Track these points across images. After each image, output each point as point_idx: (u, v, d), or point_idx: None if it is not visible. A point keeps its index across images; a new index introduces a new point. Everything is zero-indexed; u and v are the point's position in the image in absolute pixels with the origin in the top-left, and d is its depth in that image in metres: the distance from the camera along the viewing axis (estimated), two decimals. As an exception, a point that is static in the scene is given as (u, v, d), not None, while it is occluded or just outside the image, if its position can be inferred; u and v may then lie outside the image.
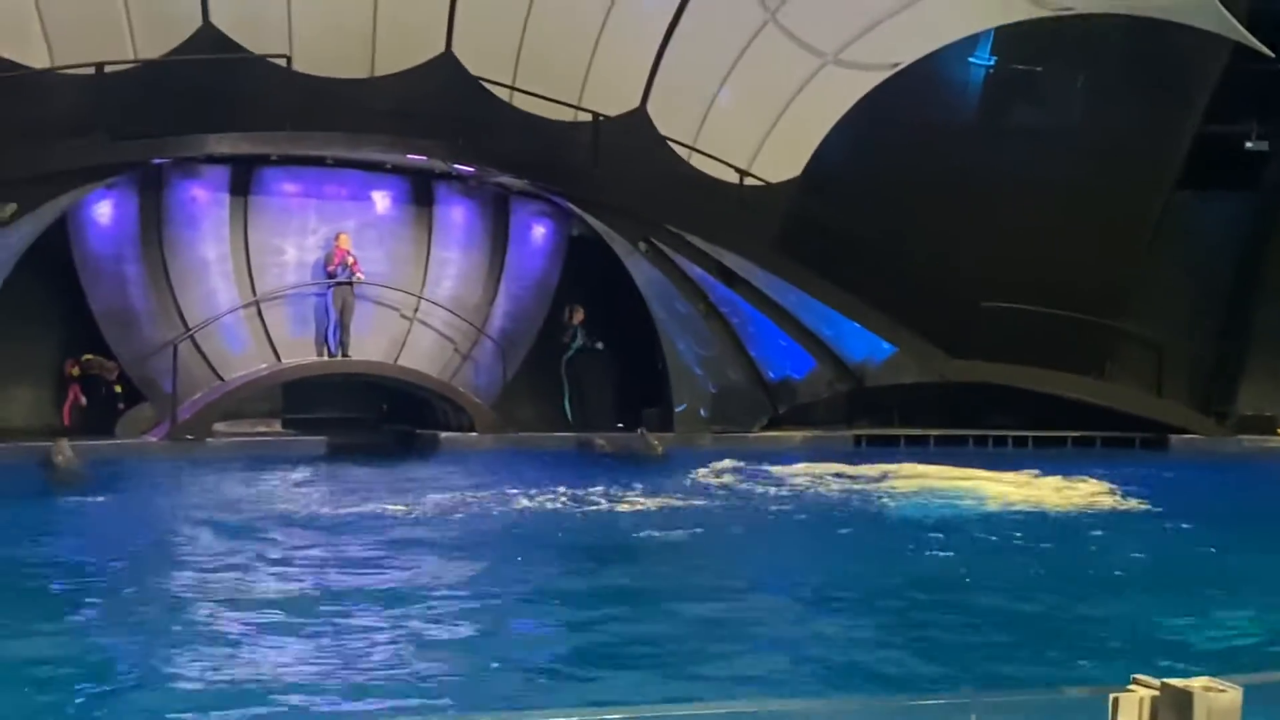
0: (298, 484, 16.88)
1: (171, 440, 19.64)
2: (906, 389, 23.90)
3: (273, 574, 10.62)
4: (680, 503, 15.36)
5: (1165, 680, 3.38)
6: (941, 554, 12.00)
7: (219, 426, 20.83)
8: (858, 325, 23.15)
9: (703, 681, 7.50)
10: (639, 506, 14.83)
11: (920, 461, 20.20)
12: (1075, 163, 24.34)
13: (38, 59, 19.50)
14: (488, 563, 11.41)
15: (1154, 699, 3.38)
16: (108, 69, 19.17)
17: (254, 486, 16.52)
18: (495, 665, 7.86)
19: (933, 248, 23.42)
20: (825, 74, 23.96)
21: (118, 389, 20.79)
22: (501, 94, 22.14)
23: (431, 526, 13.33)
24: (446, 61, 21.60)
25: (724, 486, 17.20)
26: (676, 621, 9.20)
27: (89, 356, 20.82)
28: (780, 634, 8.90)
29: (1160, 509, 15.44)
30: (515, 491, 15.58)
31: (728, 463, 19.00)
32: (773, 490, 16.76)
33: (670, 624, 9.12)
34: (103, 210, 20.86)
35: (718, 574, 11.28)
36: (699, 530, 13.51)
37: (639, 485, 16.49)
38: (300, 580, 10.30)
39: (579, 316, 23.58)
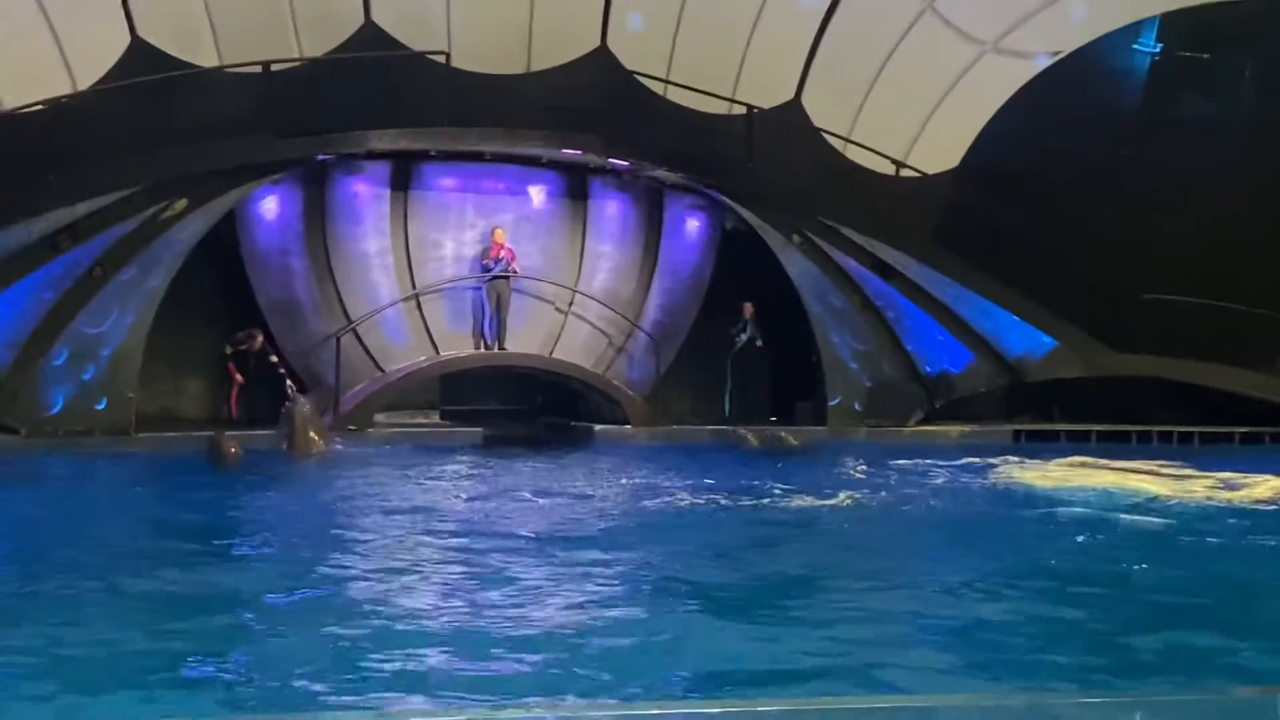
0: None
1: (335, 430, 20.06)
2: (1068, 384, 23.44)
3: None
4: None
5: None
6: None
7: (379, 417, 21.25)
8: (1017, 319, 22.76)
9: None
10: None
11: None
12: (1243, 153, 23.63)
13: (207, 59, 20.07)
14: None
15: (1332, 700, 3.28)
16: (274, 68, 19.64)
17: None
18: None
19: (1094, 240, 22.92)
20: (984, 63, 23.61)
21: (272, 359, 20.97)
22: (656, 87, 22.21)
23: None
24: (601, 56, 21.74)
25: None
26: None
27: (237, 335, 21.23)
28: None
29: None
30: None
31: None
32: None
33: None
34: (269, 205, 21.43)
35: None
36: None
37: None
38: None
39: (749, 311, 23.54)
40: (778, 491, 15.15)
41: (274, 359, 21.02)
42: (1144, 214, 23.09)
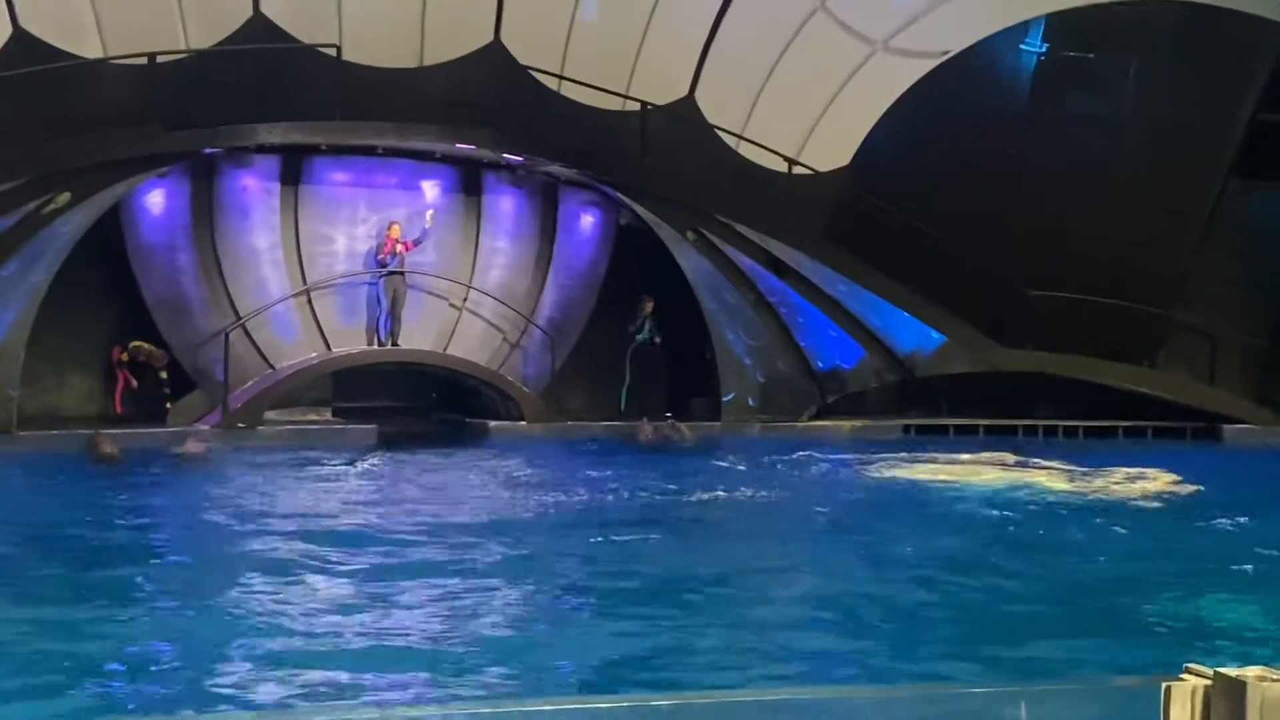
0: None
1: (223, 428, 19.79)
2: (956, 379, 23.76)
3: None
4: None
5: (1218, 669, 3.34)
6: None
7: (270, 415, 20.98)
8: (907, 315, 23.02)
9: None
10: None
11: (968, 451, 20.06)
12: (1127, 151, 24.14)
13: (91, 50, 19.68)
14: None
15: (1206, 688, 3.34)
16: (160, 59, 19.31)
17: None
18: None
19: (983, 237, 23.25)
20: (875, 62, 23.86)
21: (163, 376, 20.94)
22: (550, 82, 22.17)
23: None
24: (495, 51, 21.65)
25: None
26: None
27: (137, 343, 20.98)
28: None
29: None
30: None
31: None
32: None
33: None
34: (155, 199, 21.04)
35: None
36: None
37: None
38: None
39: (649, 308, 23.54)
40: (670, 487, 15.31)
41: (165, 375, 20.93)
42: (1031, 211, 23.51)
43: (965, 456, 18.84)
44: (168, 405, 20.72)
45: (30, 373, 19.77)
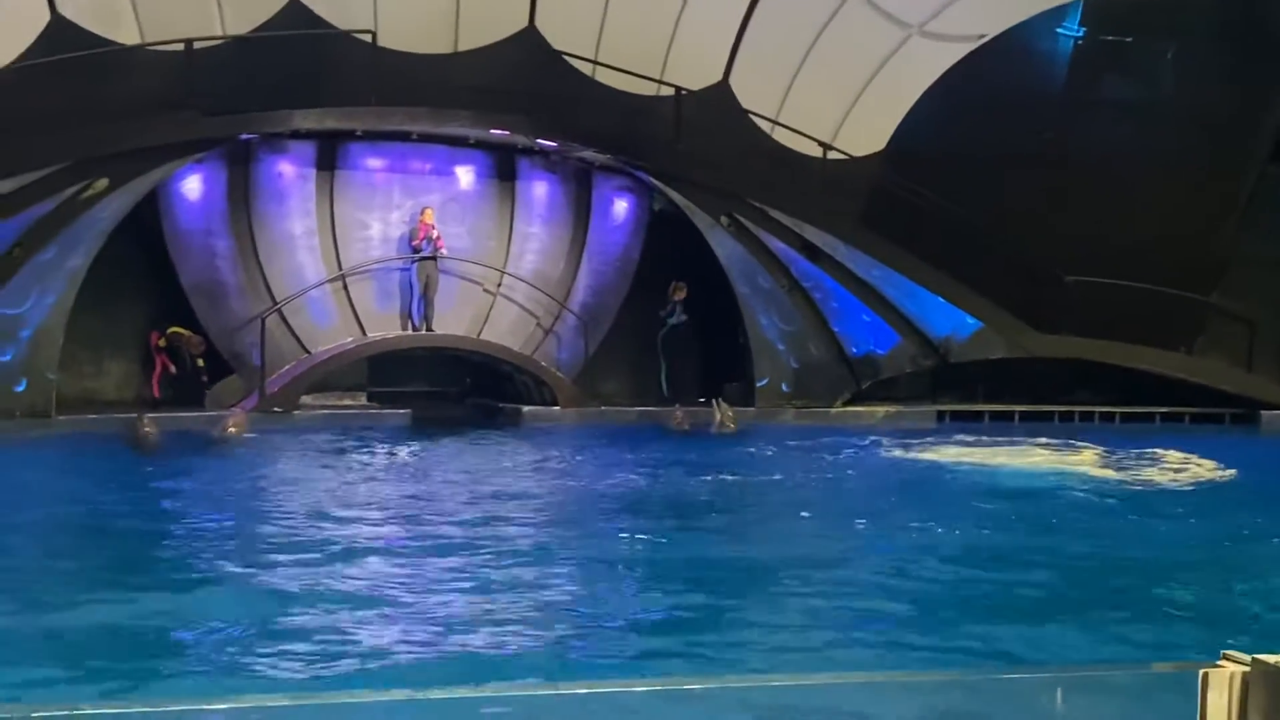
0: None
1: (260, 412, 19.90)
2: (992, 364, 23.68)
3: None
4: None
5: (1256, 656, 3.33)
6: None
7: (306, 399, 21.10)
8: (942, 300, 22.95)
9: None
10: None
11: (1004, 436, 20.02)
12: (1165, 135, 23.96)
13: (128, 36, 19.78)
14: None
15: (1244, 675, 3.33)
16: (196, 45, 19.39)
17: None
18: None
19: (1019, 222, 23.14)
20: (910, 46, 23.76)
21: (200, 363, 21.07)
22: (584, 68, 22.16)
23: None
24: (529, 36, 21.66)
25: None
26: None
27: (175, 329, 21.14)
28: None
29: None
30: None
31: None
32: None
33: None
34: (192, 185, 21.16)
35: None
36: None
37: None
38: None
39: (681, 293, 23.54)
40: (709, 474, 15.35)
41: (202, 364, 21.07)
42: (1067, 196, 23.35)
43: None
44: (205, 390, 20.83)
45: (68, 357, 19.94)
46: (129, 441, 17.21)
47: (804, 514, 12.74)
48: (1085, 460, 16.98)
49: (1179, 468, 16.36)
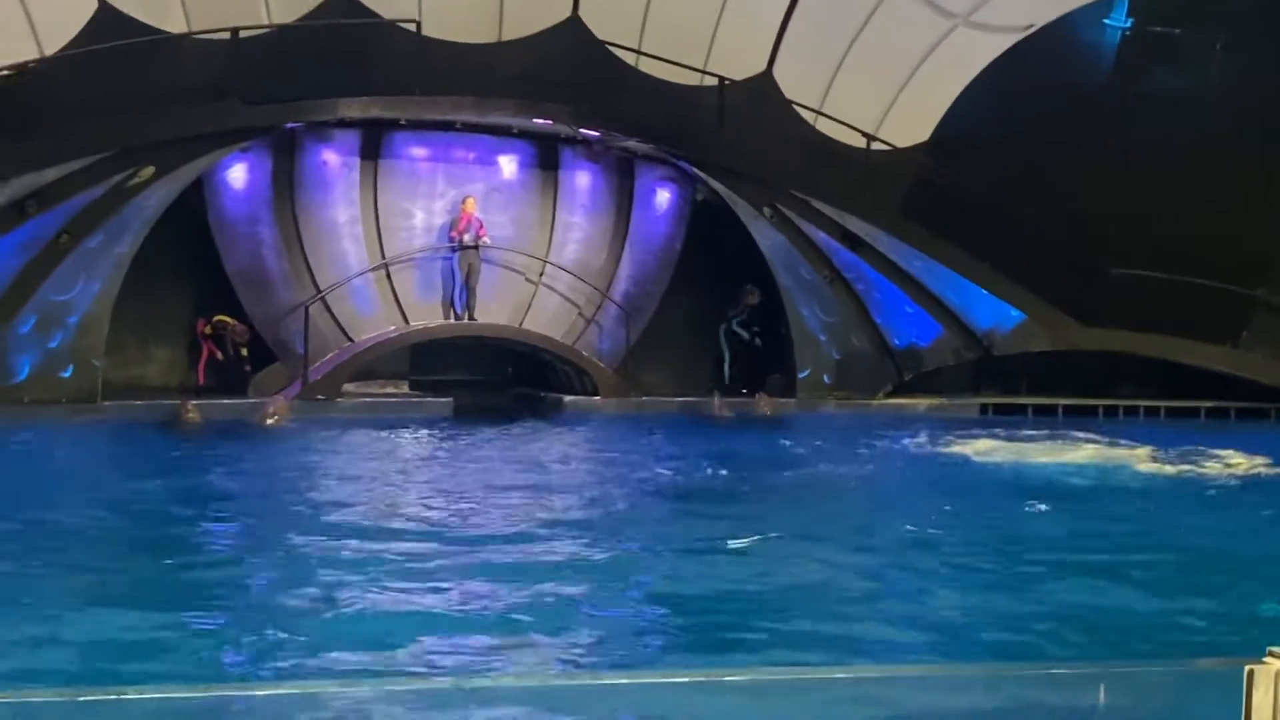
0: None
1: (303, 399, 20.01)
2: (1035, 357, 23.55)
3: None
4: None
5: (1303, 653, 3.31)
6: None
7: (348, 387, 21.20)
8: (986, 292, 22.82)
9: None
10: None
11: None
12: (1212, 127, 23.70)
13: (175, 24, 19.90)
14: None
15: (1292, 672, 3.31)
16: (242, 34, 19.48)
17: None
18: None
19: (1064, 214, 22.98)
20: (956, 36, 23.62)
21: (244, 351, 21.19)
22: (627, 58, 22.15)
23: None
24: (573, 26, 21.66)
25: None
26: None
27: (220, 317, 21.26)
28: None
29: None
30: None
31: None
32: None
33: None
34: (237, 173, 21.29)
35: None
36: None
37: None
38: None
39: (754, 299, 23.46)
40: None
41: (245, 352, 21.17)
42: (1113, 188, 23.16)
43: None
44: (248, 378, 20.97)
45: (114, 343, 20.12)
46: (173, 426, 17.38)
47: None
48: (1137, 457, 16.76)
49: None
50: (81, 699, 3.01)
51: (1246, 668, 3.40)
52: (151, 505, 11.92)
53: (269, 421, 18.31)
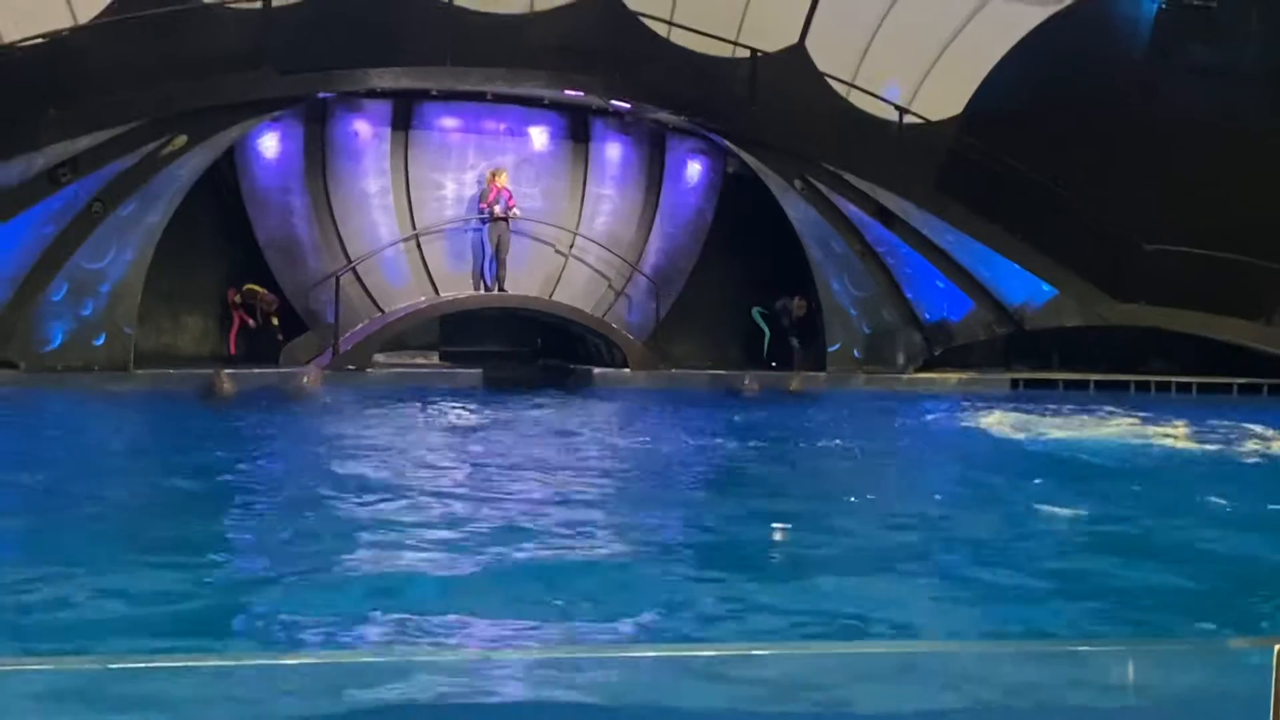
0: None
1: (333, 369, 20.08)
2: (1067, 332, 23.45)
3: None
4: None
5: (1336, 633, 3.29)
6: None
7: (378, 357, 21.27)
8: (1018, 267, 22.71)
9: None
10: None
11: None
12: (1247, 103, 23.55)
13: (207, -7, 19.95)
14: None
15: (1322, 651, 3.29)
16: (275, 4, 19.50)
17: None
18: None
19: (1097, 189, 22.86)
20: (990, 9, 23.46)
21: (275, 321, 21.26)
22: (659, 29, 22.07)
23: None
24: (605, -4, 21.61)
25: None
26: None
27: (251, 286, 21.33)
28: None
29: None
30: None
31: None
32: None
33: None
34: (269, 143, 21.33)
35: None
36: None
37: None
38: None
39: (802, 309, 23.38)
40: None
41: (276, 321, 21.24)
42: (1147, 163, 23.03)
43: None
44: (279, 347, 21.05)
45: (147, 312, 20.23)
46: (205, 395, 17.46)
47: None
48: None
49: None
50: (112, 666, 3.04)
51: (1277, 647, 3.39)
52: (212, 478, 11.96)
53: (306, 386, 18.52)
